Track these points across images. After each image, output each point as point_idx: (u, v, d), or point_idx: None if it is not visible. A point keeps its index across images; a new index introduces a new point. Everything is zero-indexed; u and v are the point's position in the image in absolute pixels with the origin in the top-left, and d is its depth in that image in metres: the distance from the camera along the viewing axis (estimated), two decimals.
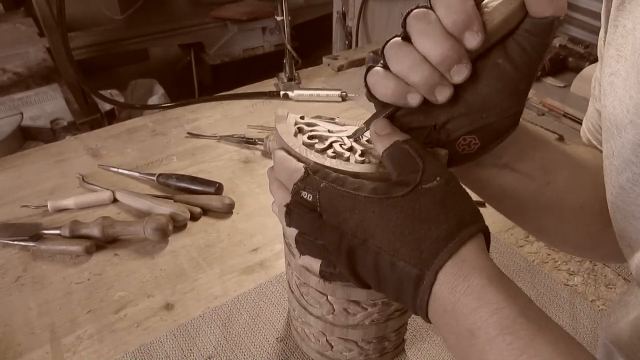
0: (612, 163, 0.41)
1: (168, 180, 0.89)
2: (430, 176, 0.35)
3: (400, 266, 0.34)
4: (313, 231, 0.38)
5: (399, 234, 0.34)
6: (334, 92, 1.20)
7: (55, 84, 1.65)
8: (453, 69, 0.34)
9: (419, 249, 0.33)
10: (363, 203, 0.35)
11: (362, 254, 0.35)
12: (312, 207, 0.37)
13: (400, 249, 0.34)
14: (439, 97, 0.36)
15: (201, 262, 0.76)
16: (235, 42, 2.45)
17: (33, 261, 0.76)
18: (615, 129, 0.40)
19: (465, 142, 0.39)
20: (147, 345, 0.64)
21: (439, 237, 0.33)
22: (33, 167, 0.98)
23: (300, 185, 0.38)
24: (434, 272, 0.33)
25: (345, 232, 0.35)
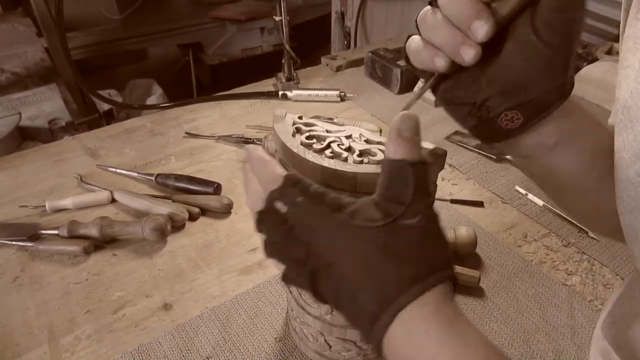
0: (622, 156, 0.40)
1: (166, 180, 0.89)
2: (413, 212, 0.34)
3: (360, 300, 0.33)
4: (281, 242, 0.37)
5: (366, 268, 0.33)
6: (333, 92, 1.20)
7: (54, 84, 1.65)
8: (473, 25, 0.34)
9: (381, 287, 0.32)
10: (336, 226, 0.34)
11: (325, 277, 0.34)
12: (283, 219, 0.36)
13: (363, 282, 0.33)
14: (465, 57, 0.35)
15: (199, 262, 0.76)
16: (234, 42, 2.45)
17: (31, 261, 0.76)
18: (628, 122, 0.39)
19: (508, 118, 0.38)
20: (146, 346, 0.64)
21: (405, 278, 0.32)
22: (31, 167, 0.97)
23: (275, 195, 0.36)
24: (392, 314, 0.32)
25: (312, 252, 0.34)
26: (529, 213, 0.86)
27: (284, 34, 1.21)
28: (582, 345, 0.65)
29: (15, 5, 2.11)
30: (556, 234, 0.82)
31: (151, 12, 2.31)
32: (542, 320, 0.68)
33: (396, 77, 1.23)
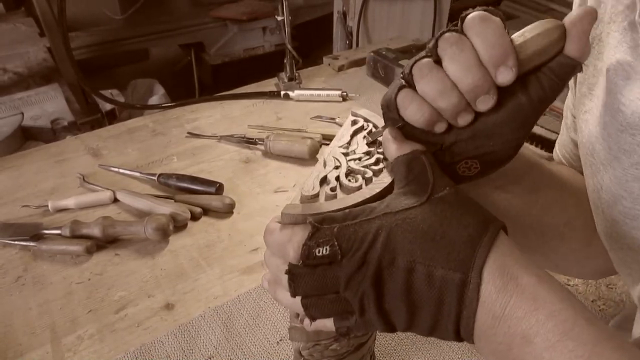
0: (602, 197, 0.41)
1: (168, 180, 0.89)
2: (439, 187, 0.34)
3: (438, 275, 0.31)
4: (326, 286, 0.34)
5: (430, 241, 0.32)
6: (335, 92, 1.20)
7: (56, 83, 1.65)
8: (480, 98, 0.34)
9: (455, 250, 0.31)
10: (384, 221, 0.33)
11: (391, 278, 0.32)
12: (329, 261, 0.33)
13: (435, 256, 0.31)
14: (460, 122, 0.35)
15: (201, 262, 0.76)
16: (236, 42, 2.44)
17: (33, 261, 0.76)
18: (600, 165, 0.40)
19: (467, 166, 0.38)
20: (148, 345, 0.64)
21: (471, 235, 0.32)
22: (33, 167, 0.98)
23: (311, 243, 0.33)
24: (478, 271, 0.30)
25: (369, 262, 0.32)
26: None
27: (286, 34, 1.20)
28: None
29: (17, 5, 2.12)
30: None
31: (153, 12, 2.31)
32: None
33: (398, 77, 1.22)
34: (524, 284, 0.30)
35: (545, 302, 0.30)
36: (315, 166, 0.44)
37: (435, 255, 0.31)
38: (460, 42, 0.33)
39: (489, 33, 0.33)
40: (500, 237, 0.32)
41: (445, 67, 0.34)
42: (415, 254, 0.32)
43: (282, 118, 1.14)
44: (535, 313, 0.29)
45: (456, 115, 0.35)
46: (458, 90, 0.34)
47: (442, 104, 0.34)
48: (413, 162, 0.36)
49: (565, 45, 0.34)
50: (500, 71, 0.33)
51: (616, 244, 0.42)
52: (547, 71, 0.35)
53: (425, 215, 0.33)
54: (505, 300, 0.30)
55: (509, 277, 0.30)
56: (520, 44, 0.34)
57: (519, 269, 0.31)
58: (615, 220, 0.41)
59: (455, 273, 0.31)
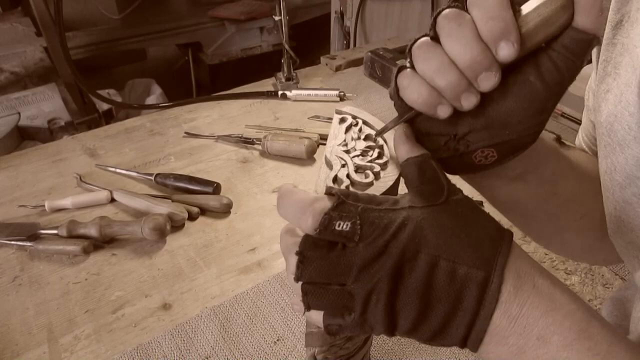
0: (614, 178, 0.40)
1: (166, 180, 0.89)
2: (454, 191, 0.34)
3: (461, 273, 0.30)
4: (335, 273, 0.32)
5: (455, 238, 0.31)
6: (332, 92, 1.20)
7: (53, 83, 1.64)
8: (481, 75, 0.32)
9: (480, 249, 0.31)
10: (410, 213, 0.32)
11: (412, 272, 0.31)
12: (339, 240, 0.32)
13: (460, 253, 0.31)
14: (464, 104, 0.34)
15: (199, 262, 0.76)
16: (233, 41, 2.44)
17: (30, 261, 0.76)
18: (617, 145, 0.39)
19: (483, 155, 0.37)
20: (145, 345, 0.64)
21: (492, 237, 0.32)
22: (30, 166, 0.97)
23: (333, 214, 0.31)
24: (501, 271, 0.30)
25: (391, 252, 0.31)
26: None
27: (284, 34, 1.21)
28: None
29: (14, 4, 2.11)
30: None
31: (150, 12, 2.31)
32: None
33: None
34: (540, 286, 0.30)
35: (561, 302, 0.30)
36: (321, 169, 0.44)
37: (461, 252, 0.31)
38: (459, 17, 0.32)
39: (489, 5, 0.31)
40: (514, 242, 0.33)
41: (443, 44, 0.33)
42: (440, 249, 0.31)
43: (279, 118, 1.14)
44: (552, 313, 0.29)
45: (458, 95, 0.33)
46: (457, 67, 0.32)
47: (440, 82, 0.33)
48: (425, 165, 0.35)
49: (576, 18, 0.32)
50: (501, 46, 0.31)
51: (625, 227, 0.41)
52: (561, 49, 0.33)
53: (448, 212, 0.32)
54: (523, 301, 0.30)
55: (526, 278, 0.31)
56: (522, 16, 0.32)
57: (535, 271, 0.31)
58: (627, 201, 0.39)
59: (478, 271, 0.30)
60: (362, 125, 0.48)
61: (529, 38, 0.32)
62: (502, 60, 0.32)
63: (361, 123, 0.48)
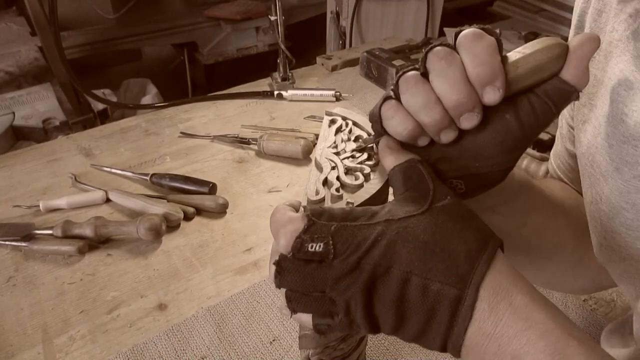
0: (601, 209, 0.41)
1: (161, 180, 0.89)
2: (441, 195, 0.33)
3: (434, 289, 0.30)
4: (312, 285, 0.32)
5: (429, 253, 0.31)
6: (328, 92, 1.20)
7: (48, 83, 1.64)
8: (464, 115, 0.33)
9: (454, 265, 0.30)
10: (384, 228, 0.32)
11: (384, 286, 0.31)
12: (320, 259, 0.32)
13: (433, 269, 0.30)
14: (443, 139, 0.35)
15: (195, 262, 0.76)
16: (229, 41, 2.44)
17: (25, 261, 0.76)
18: (600, 176, 0.40)
19: (451, 186, 0.37)
20: (140, 346, 0.64)
21: (471, 250, 0.31)
22: (25, 166, 0.97)
23: (305, 237, 0.32)
24: (475, 289, 0.30)
25: (364, 269, 0.31)
26: None
27: (279, 34, 1.20)
28: None
29: (9, 4, 2.10)
30: None
31: (146, 12, 2.30)
32: None
33: (391, 77, 1.23)
34: (517, 303, 0.30)
35: (537, 321, 0.29)
36: (311, 171, 0.44)
37: (433, 268, 0.30)
38: (449, 57, 0.33)
39: (479, 51, 0.32)
40: (498, 254, 0.32)
41: (431, 80, 0.33)
42: (412, 264, 0.31)
43: (275, 118, 1.14)
44: (527, 332, 0.29)
45: (439, 131, 0.34)
46: (442, 105, 0.33)
47: (425, 118, 0.34)
48: (410, 171, 0.35)
49: (563, 69, 0.33)
50: (487, 91, 0.32)
51: (617, 255, 0.41)
52: (542, 94, 0.34)
53: (426, 225, 0.32)
54: (497, 319, 0.29)
55: (502, 295, 0.30)
56: (518, 59, 0.33)
57: (514, 287, 0.31)
58: (616, 231, 0.40)
59: (451, 288, 0.30)
60: (352, 127, 0.48)
61: (517, 82, 0.34)
62: (487, 104, 0.33)
63: (351, 124, 0.48)
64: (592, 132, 0.41)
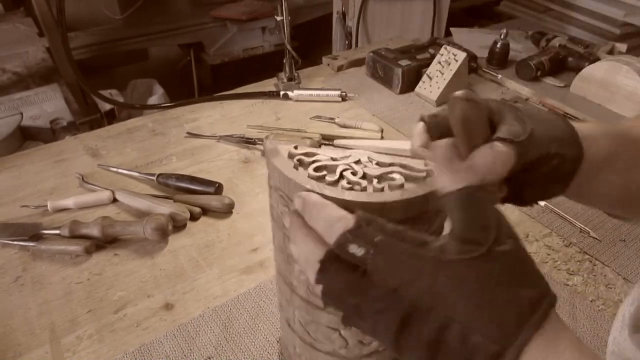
0: None
1: (168, 180, 0.89)
2: (503, 237, 0.30)
3: (474, 341, 0.28)
4: (350, 292, 0.32)
5: (475, 303, 0.29)
6: (334, 92, 1.20)
7: (55, 83, 1.64)
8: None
9: (499, 320, 0.28)
10: (431, 265, 0.30)
11: (421, 324, 0.30)
12: (357, 264, 0.31)
13: (476, 321, 0.29)
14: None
15: (201, 262, 0.76)
16: (235, 42, 2.44)
17: (32, 261, 0.76)
18: None
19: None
20: (147, 345, 0.64)
21: (522, 309, 0.29)
22: (33, 167, 0.98)
23: (349, 237, 0.31)
24: (517, 350, 0.28)
25: (403, 297, 0.30)
26: (531, 213, 0.86)
27: (285, 34, 1.20)
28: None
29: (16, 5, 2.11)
30: (558, 234, 0.82)
31: (152, 12, 2.31)
32: None
33: (397, 77, 1.23)
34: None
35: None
36: None
37: (477, 321, 0.29)
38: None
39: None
40: (551, 314, 0.30)
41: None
42: (456, 311, 0.29)
43: (281, 118, 1.14)
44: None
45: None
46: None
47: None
48: (469, 202, 0.31)
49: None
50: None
51: None
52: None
53: (479, 273, 0.29)
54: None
55: (551, 357, 0.28)
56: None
57: (561, 344, 0.29)
58: None
59: (492, 344, 0.28)
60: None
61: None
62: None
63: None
64: None
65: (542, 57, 1.30)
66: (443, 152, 0.33)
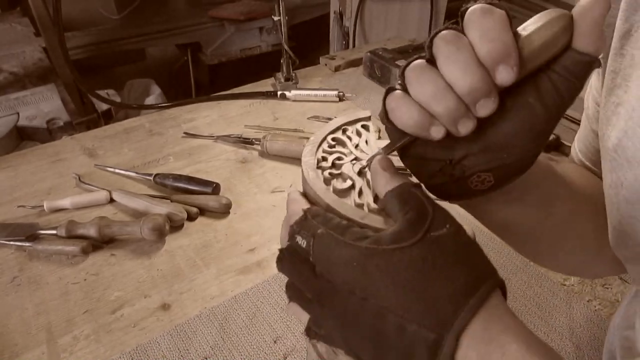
0: (620, 194, 0.39)
1: (165, 180, 0.89)
2: (439, 223, 0.30)
3: (411, 330, 0.28)
4: (302, 282, 0.33)
5: (409, 291, 0.28)
6: (331, 92, 1.20)
7: (52, 83, 1.64)
8: (480, 102, 0.30)
9: (434, 307, 0.28)
10: (364, 255, 0.29)
11: (359, 316, 0.30)
12: (305, 255, 0.32)
13: (411, 309, 0.28)
14: (461, 130, 0.32)
15: (198, 262, 0.76)
16: (233, 42, 2.44)
17: (29, 261, 0.76)
18: (625, 162, 0.38)
19: (479, 179, 0.35)
20: (144, 346, 0.64)
21: (457, 293, 0.28)
22: (29, 167, 0.97)
23: (295, 228, 0.33)
24: (455, 335, 0.27)
25: (340, 289, 0.30)
26: None
27: (283, 34, 1.20)
28: (580, 345, 0.65)
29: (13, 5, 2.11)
30: None
31: (150, 12, 2.31)
32: (540, 320, 0.68)
33: (395, 77, 1.23)
34: (511, 353, 0.27)
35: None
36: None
37: (411, 308, 0.28)
38: (457, 40, 0.30)
39: (488, 27, 0.29)
40: (493, 298, 0.29)
41: (440, 67, 0.31)
42: (389, 301, 0.29)
43: (278, 118, 1.14)
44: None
45: (455, 121, 0.31)
46: (454, 93, 0.31)
47: (437, 107, 0.31)
48: (405, 195, 0.32)
49: (576, 39, 0.31)
50: (500, 70, 0.30)
51: (631, 240, 0.40)
52: (561, 70, 0.32)
53: (412, 259, 0.29)
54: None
55: (495, 344, 0.27)
56: (522, 38, 0.31)
57: (508, 335, 0.28)
58: (634, 217, 0.38)
59: (429, 332, 0.28)
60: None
61: (529, 61, 0.31)
62: (501, 84, 0.30)
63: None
64: (624, 116, 0.38)
65: None
66: (377, 161, 0.35)
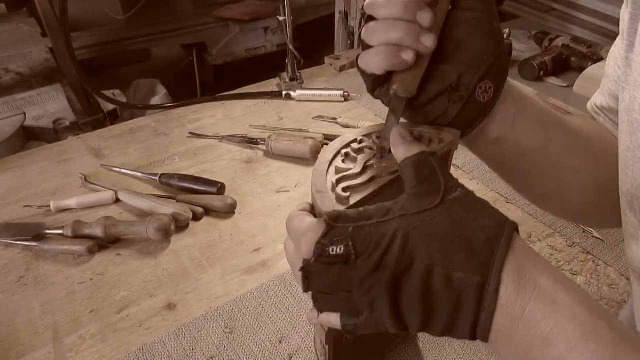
0: (637, 156, 0.40)
1: (170, 180, 0.89)
2: (452, 188, 0.34)
3: (458, 278, 0.30)
4: (337, 286, 0.33)
5: (448, 243, 0.31)
6: (336, 92, 1.20)
7: (58, 84, 1.65)
8: (418, 15, 0.38)
9: (473, 253, 0.31)
10: (400, 223, 0.32)
11: (409, 282, 0.31)
12: (344, 261, 0.32)
13: (454, 258, 0.31)
14: (427, 43, 0.39)
15: (203, 262, 0.76)
16: (238, 42, 2.44)
17: (36, 261, 0.76)
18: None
19: (482, 90, 0.41)
20: (150, 345, 0.64)
21: (488, 237, 0.31)
22: (36, 167, 0.98)
23: (324, 242, 0.32)
24: (498, 273, 0.30)
25: (386, 265, 0.31)
26: (533, 213, 0.86)
27: (288, 34, 1.20)
28: None
29: (19, 5, 2.12)
30: (560, 234, 0.81)
31: (155, 13, 2.31)
32: None
33: None
34: (542, 286, 0.30)
35: (564, 304, 0.29)
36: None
37: (454, 258, 0.31)
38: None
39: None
40: (516, 238, 0.32)
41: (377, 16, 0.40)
42: (433, 256, 0.31)
43: (283, 118, 1.14)
44: (555, 315, 0.29)
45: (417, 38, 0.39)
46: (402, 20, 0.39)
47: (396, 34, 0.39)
48: (421, 164, 0.36)
49: None
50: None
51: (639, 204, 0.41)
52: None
53: (441, 217, 0.32)
54: (525, 302, 0.30)
55: (527, 279, 0.30)
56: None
57: (537, 270, 0.31)
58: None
59: (474, 275, 0.30)
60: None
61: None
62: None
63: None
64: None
65: (545, 57, 1.30)
66: (396, 132, 0.40)
